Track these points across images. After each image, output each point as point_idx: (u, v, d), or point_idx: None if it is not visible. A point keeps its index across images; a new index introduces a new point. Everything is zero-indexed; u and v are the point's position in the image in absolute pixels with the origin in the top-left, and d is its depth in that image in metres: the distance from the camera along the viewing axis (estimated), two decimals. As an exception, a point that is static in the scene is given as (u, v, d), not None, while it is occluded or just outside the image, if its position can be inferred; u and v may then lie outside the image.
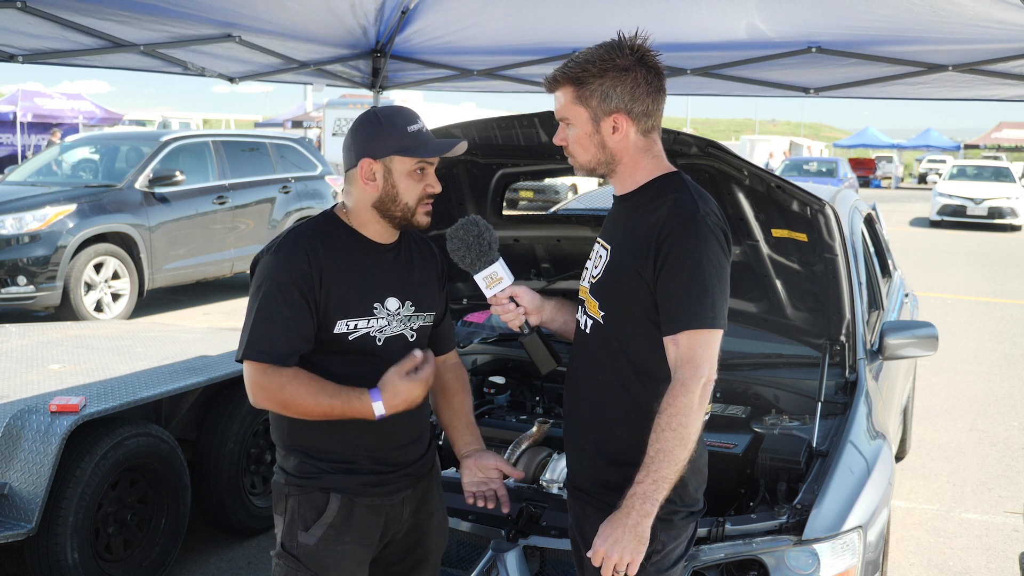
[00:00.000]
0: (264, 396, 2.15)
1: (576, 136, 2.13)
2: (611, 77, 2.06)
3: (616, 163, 2.13)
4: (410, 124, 2.21)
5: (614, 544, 1.93)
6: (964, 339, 9.16)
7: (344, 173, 2.27)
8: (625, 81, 2.06)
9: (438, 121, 3.63)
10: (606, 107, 2.07)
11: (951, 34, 4.00)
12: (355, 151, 2.21)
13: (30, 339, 4.85)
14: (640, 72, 2.07)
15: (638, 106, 2.08)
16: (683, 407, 1.94)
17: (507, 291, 2.29)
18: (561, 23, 4.66)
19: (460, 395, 2.49)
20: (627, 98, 2.06)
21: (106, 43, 4.44)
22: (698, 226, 2.00)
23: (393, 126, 2.19)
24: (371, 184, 2.20)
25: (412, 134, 2.20)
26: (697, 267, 1.98)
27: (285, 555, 2.23)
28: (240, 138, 11.08)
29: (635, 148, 2.12)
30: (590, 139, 2.11)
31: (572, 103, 2.10)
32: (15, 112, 21.14)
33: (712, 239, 2.01)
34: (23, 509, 3.26)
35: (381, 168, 2.19)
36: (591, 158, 2.14)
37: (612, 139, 2.10)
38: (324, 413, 2.14)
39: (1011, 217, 21.69)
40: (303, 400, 2.13)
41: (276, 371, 2.13)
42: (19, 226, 8.33)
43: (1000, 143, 41.75)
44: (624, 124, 2.08)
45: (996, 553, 4.43)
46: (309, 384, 2.13)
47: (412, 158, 2.19)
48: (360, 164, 2.19)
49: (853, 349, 3.24)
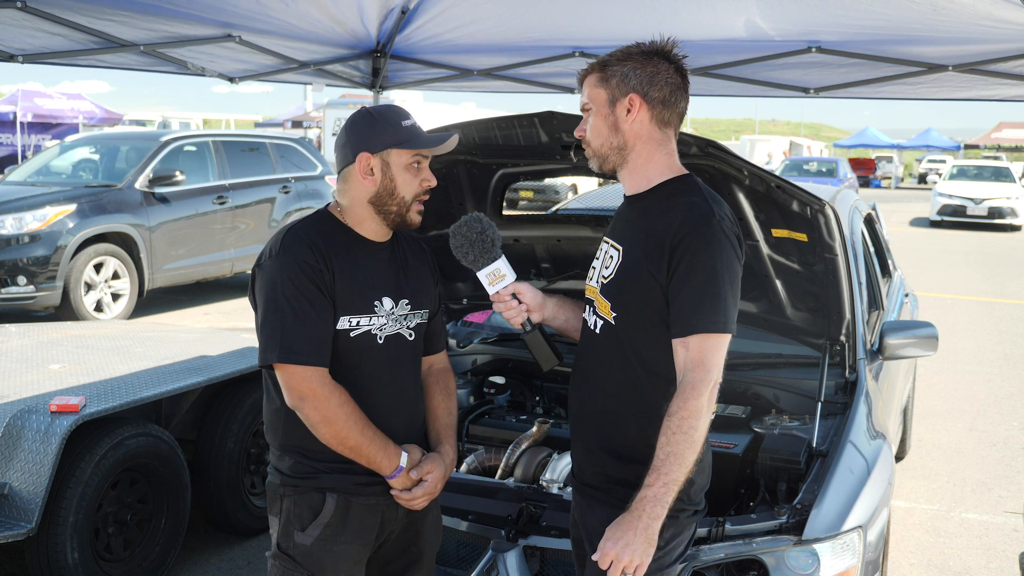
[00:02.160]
0: (304, 403, 2.14)
1: (593, 122, 2.16)
2: (634, 61, 2.12)
3: (628, 150, 2.14)
4: (404, 119, 2.25)
5: (625, 547, 1.93)
6: (964, 339, 9.16)
7: (338, 172, 2.28)
8: (646, 67, 2.11)
9: (438, 121, 3.62)
10: (624, 88, 2.11)
11: (952, 33, 3.99)
12: (351, 147, 2.23)
13: (30, 339, 4.85)
14: (662, 63, 2.12)
15: (655, 91, 2.10)
16: (693, 410, 1.96)
17: (510, 288, 2.30)
18: (561, 23, 4.65)
19: (437, 398, 2.47)
20: (645, 82, 2.10)
21: (106, 43, 4.44)
22: (713, 231, 2.01)
23: (387, 121, 2.22)
24: (369, 178, 2.22)
25: (406, 128, 2.23)
26: (711, 271, 2.00)
27: (281, 556, 2.23)
28: (240, 138, 11.08)
29: (649, 137, 2.13)
30: (604, 121, 2.13)
31: (594, 86, 2.15)
32: (15, 112, 21.12)
33: (727, 244, 2.02)
34: (23, 509, 3.26)
35: (379, 162, 2.21)
36: (603, 141, 2.15)
37: (625, 121, 2.11)
38: (353, 447, 2.16)
39: (1011, 217, 21.68)
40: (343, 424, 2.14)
41: (327, 383, 2.14)
42: (19, 226, 8.33)
43: (1000, 143, 41.75)
44: (638, 105, 2.10)
45: (996, 553, 4.43)
46: (357, 413, 2.16)
47: (409, 150, 2.22)
48: (358, 159, 2.21)
49: (853, 349, 3.24)
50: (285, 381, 2.15)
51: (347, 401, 2.16)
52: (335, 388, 2.15)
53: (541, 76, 5.46)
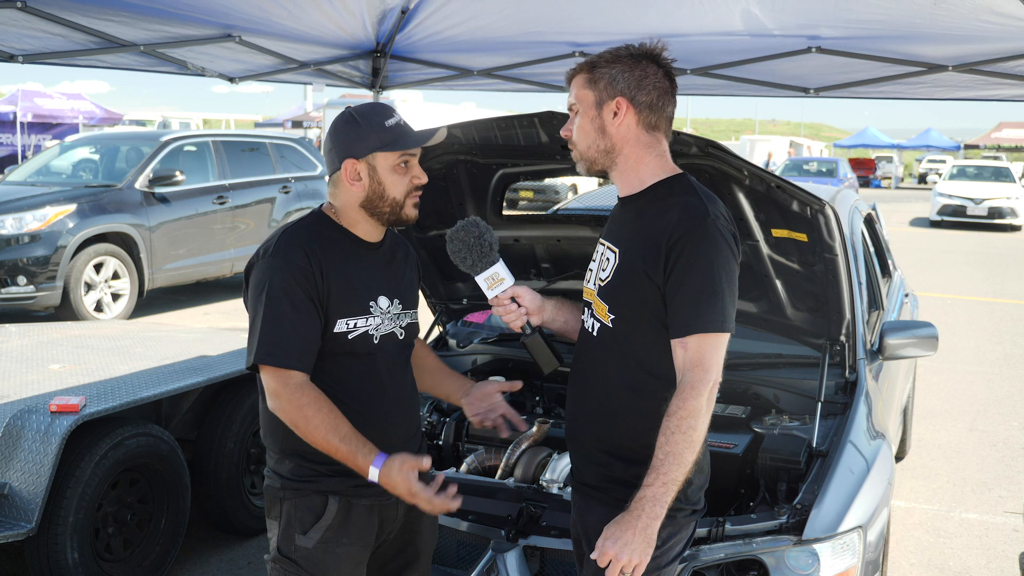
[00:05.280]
0: (278, 406, 2.12)
1: (579, 124, 2.15)
2: (622, 64, 2.11)
3: (616, 153, 2.13)
4: (387, 119, 2.21)
5: (624, 547, 1.93)
6: (964, 339, 9.16)
7: (328, 177, 2.27)
8: (634, 70, 2.10)
9: (438, 121, 3.62)
10: (611, 90, 2.10)
11: (952, 30, 3.97)
12: (337, 153, 2.21)
13: (30, 339, 4.85)
14: (651, 67, 2.11)
15: (643, 95, 2.10)
16: (692, 410, 1.96)
17: (508, 292, 2.30)
18: (561, 23, 4.65)
19: (429, 358, 2.55)
20: (633, 85, 2.09)
21: (106, 43, 4.44)
22: (708, 230, 2.01)
23: (370, 123, 2.19)
24: (357, 184, 2.20)
25: (391, 128, 2.19)
26: (708, 271, 1.99)
27: (282, 559, 2.22)
28: (240, 138, 11.08)
29: (636, 140, 2.12)
30: (591, 123, 2.13)
31: (582, 87, 2.14)
32: (15, 112, 21.13)
33: (723, 243, 2.02)
34: (23, 509, 3.26)
35: (365, 167, 2.19)
36: (590, 144, 2.14)
37: (612, 124, 2.11)
38: (329, 451, 2.11)
39: (1011, 217, 21.68)
40: (315, 430, 2.09)
41: (298, 386, 2.10)
42: (19, 226, 8.33)
43: (1000, 143, 41.72)
44: (625, 109, 2.10)
45: (996, 553, 4.43)
46: (327, 417, 2.09)
47: (394, 152, 2.19)
48: (344, 166, 2.19)
49: (853, 349, 3.25)
50: (264, 383, 2.14)
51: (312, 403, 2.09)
52: (304, 393, 2.10)
53: (541, 76, 5.46)
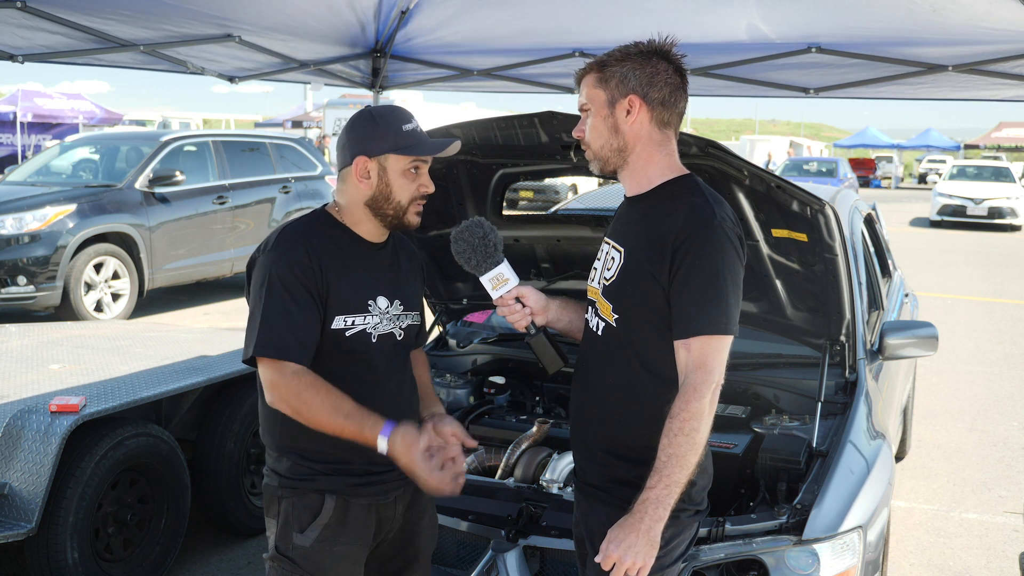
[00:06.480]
0: (278, 397, 2.11)
1: (592, 123, 2.15)
2: (632, 62, 2.11)
3: (628, 151, 2.13)
4: (405, 123, 2.22)
5: (627, 549, 1.93)
6: (964, 339, 9.16)
7: (338, 171, 2.27)
8: (645, 67, 2.10)
9: (438, 121, 3.62)
10: (623, 89, 2.10)
11: (951, 34, 3.99)
12: (350, 149, 2.22)
13: (30, 339, 4.85)
14: (661, 64, 2.11)
15: (655, 92, 2.10)
16: (695, 412, 1.95)
17: (513, 292, 2.30)
18: (562, 23, 4.66)
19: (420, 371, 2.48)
20: (645, 83, 2.09)
21: (106, 42, 4.44)
22: (714, 232, 2.01)
23: (388, 125, 2.20)
24: (365, 182, 2.21)
25: (407, 133, 2.20)
26: (713, 273, 1.99)
27: (280, 558, 2.22)
28: (240, 138, 11.08)
29: (648, 138, 2.12)
30: (604, 122, 2.13)
31: (593, 87, 2.14)
32: (15, 112, 21.13)
33: (728, 245, 2.02)
34: (23, 509, 3.26)
35: (376, 166, 2.20)
36: (604, 143, 2.14)
37: (625, 123, 2.11)
38: (335, 431, 2.09)
39: (1011, 217, 21.68)
40: (317, 412, 2.08)
41: (294, 374, 2.09)
42: (19, 226, 8.33)
43: (1000, 143, 41.73)
44: (638, 107, 2.09)
45: (996, 553, 4.43)
46: (327, 397, 2.08)
47: (407, 156, 2.20)
48: (355, 162, 2.20)
49: (853, 349, 3.25)
50: (262, 376, 2.14)
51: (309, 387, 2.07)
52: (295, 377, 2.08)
53: (541, 76, 5.47)
